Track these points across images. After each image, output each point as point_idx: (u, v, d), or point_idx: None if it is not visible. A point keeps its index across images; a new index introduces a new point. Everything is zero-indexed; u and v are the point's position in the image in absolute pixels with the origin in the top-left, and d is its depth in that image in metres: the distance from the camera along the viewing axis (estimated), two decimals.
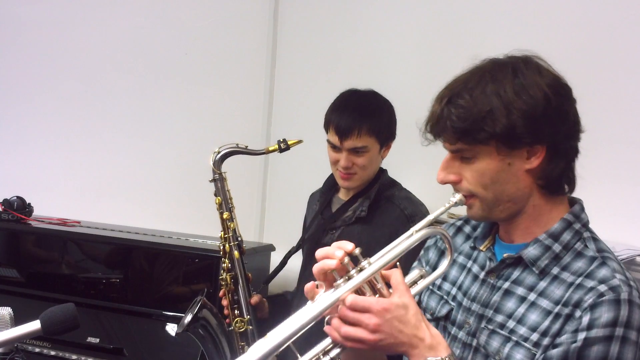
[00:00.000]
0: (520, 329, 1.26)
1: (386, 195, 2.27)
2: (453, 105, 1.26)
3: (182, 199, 3.46)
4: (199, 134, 3.48)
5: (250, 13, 3.51)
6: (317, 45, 3.35)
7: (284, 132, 3.48)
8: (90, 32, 3.45)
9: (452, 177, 1.32)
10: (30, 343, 2.56)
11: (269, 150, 2.32)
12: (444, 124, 1.27)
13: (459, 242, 1.47)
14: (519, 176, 1.27)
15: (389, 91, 2.36)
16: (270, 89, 3.51)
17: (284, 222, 3.40)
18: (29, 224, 2.93)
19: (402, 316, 1.20)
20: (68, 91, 3.46)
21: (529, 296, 1.28)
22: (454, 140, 1.28)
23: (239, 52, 3.51)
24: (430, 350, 1.20)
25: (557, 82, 1.27)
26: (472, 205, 1.32)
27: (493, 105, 1.23)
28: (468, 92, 1.26)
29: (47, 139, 3.48)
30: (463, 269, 1.43)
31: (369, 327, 1.18)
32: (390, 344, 1.20)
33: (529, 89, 1.23)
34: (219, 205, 2.30)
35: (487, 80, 1.25)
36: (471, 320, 1.34)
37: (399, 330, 1.19)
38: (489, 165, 1.27)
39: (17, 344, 1.62)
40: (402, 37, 2.99)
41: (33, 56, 3.45)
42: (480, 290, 1.36)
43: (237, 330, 2.22)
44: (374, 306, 1.19)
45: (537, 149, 1.25)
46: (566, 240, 1.29)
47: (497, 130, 1.22)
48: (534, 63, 1.28)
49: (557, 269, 1.28)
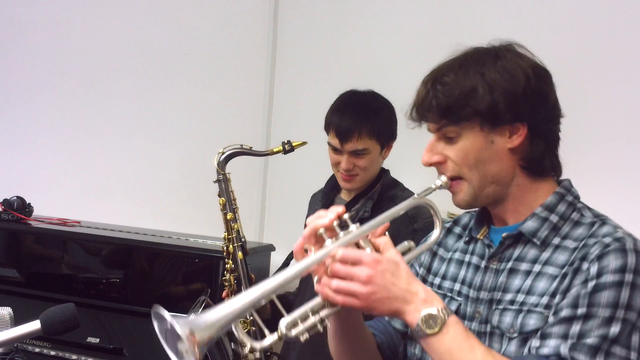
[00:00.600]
0: (530, 299, 1.25)
1: (389, 195, 2.27)
2: (438, 83, 1.31)
3: (183, 199, 3.46)
4: (198, 134, 3.48)
5: (250, 13, 3.52)
6: (317, 45, 3.35)
7: (284, 132, 3.49)
8: (90, 32, 3.45)
9: (436, 157, 1.34)
10: (30, 343, 2.56)
11: (273, 151, 2.31)
12: (429, 103, 1.31)
13: (450, 242, 1.48)
14: (501, 155, 1.29)
15: (389, 91, 2.36)
16: (270, 89, 3.51)
17: (284, 222, 3.40)
18: (29, 224, 2.93)
19: (395, 270, 1.19)
20: (68, 91, 3.47)
21: (534, 268, 1.28)
22: (438, 119, 1.30)
23: (239, 52, 3.51)
24: (425, 303, 1.18)
25: (537, 65, 1.31)
26: (457, 191, 1.33)
27: (476, 83, 1.27)
28: (453, 72, 1.30)
29: (47, 139, 3.48)
30: (461, 264, 1.42)
31: (361, 279, 1.16)
32: (383, 299, 1.17)
33: (511, 70, 1.27)
34: (223, 206, 2.28)
35: (470, 62, 1.30)
36: (481, 309, 1.33)
37: (392, 283, 1.18)
38: (473, 144, 1.29)
39: (17, 344, 1.62)
40: (402, 36, 2.99)
41: (33, 56, 3.45)
42: (485, 278, 1.35)
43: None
44: (365, 258, 1.18)
45: (517, 127, 1.28)
46: (562, 211, 1.31)
47: (480, 108, 1.26)
48: (515, 49, 1.33)
49: (558, 238, 1.28)
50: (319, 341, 2.27)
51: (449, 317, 1.18)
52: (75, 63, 3.45)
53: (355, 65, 3.15)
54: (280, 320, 1.19)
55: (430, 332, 1.17)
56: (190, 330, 1.07)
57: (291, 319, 1.19)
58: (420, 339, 1.19)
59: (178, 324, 1.06)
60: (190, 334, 1.06)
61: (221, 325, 1.13)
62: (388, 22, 3.04)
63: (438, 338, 1.17)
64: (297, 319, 1.20)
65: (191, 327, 1.07)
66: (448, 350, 1.17)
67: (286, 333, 1.18)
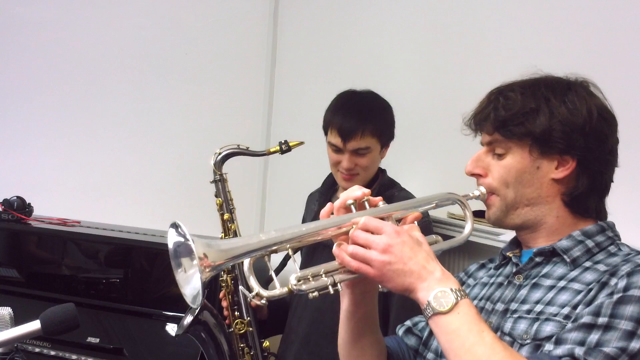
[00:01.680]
0: (550, 309, 1.21)
1: (386, 195, 2.27)
2: (502, 96, 1.31)
3: (182, 199, 3.46)
4: (198, 134, 3.48)
5: (250, 13, 3.52)
6: (317, 45, 3.35)
7: (284, 131, 3.49)
8: (90, 32, 3.44)
9: (478, 170, 1.35)
10: (30, 343, 2.55)
11: (270, 151, 2.31)
12: (488, 113, 1.31)
13: (481, 274, 1.47)
14: (543, 182, 1.29)
15: (389, 91, 2.37)
16: (270, 89, 3.51)
17: (284, 222, 3.39)
18: (29, 224, 2.92)
19: (415, 246, 1.17)
20: (68, 91, 3.46)
21: (559, 284, 1.25)
22: (491, 130, 1.31)
23: (239, 52, 3.52)
24: (440, 283, 1.14)
25: (605, 108, 1.32)
26: (491, 204, 1.34)
27: (539, 106, 1.27)
28: (520, 90, 1.31)
29: (47, 139, 3.48)
30: (485, 285, 1.41)
31: (379, 247, 1.14)
32: (398, 271, 1.14)
33: (576, 103, 1.28)
34: (220, 207, 2.29)
35: (541, 86, 1.30)
36: (494, 319, 1.30)
37: (409, 257, 1.15)
38: (517, 164, 1.29)
39: (17, 344, 1.62)
40: (402, 37, 2.99)
41: (33, 56, 3.45)
42: (505, 291, 1.33)
43: (237, 332, 2.22)
44: (387, 227, 1.17)
45: (567, 160, 1.28)
46: (599, 241, 1.29)
47: (535, 129, 1.26)
48: (589, 86, 1.33)
49: (590, 262, 1.26)
50: (316, 341, 2.29)
51: (462, 299, 1.13)
52: (75, 63, 3.45)
53: (355, 65, 3.15)
54: (291, 275, 1.16)
55: (439, 310, 1.12)
56: (204, 252, 1.07)
57: (302, 274, 1.17)
58: (429, 318, 1.14)
59: (195, 242, 1.07)
60: (205, 255, 1.07)
61: (234, 255, 1.12)
62: (388, 22, 3.04)
63: (447, 318, 1.12)
64: (308, 275, 1.17)
65: (206, 249, 1.08)
66: (455, 331, 1.11)
67: (297, 286, 1.15)
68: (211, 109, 3.54)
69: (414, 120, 2.65)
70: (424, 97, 2.82)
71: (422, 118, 2.74)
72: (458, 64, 2.70)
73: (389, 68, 3.00)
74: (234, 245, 1.13)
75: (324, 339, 2.23)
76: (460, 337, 1.11)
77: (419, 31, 2.92)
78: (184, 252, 1.11)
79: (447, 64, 2.75)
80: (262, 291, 1.14)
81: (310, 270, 1.18)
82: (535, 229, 1.33)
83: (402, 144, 2.41)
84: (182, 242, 1.11)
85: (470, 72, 2.62)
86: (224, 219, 2.27)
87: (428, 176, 2.72)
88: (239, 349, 2.22)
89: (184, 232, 1.09)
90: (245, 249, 1.13)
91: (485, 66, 2.55)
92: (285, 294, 1.16)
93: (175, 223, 1.11)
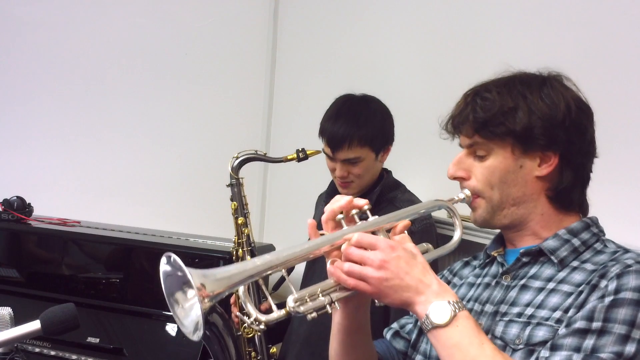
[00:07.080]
0: (540, 312, 1.21)
1: (389, 197, 2.26)
2: (479, 97, 1.30)
3: (182, 199, 3.46)
4: (198, 134, 3.48)
5: (250, 13, 3.52)
6: (317, 46, 3.35)
7: (284, 132, 3.49)
8: (90, 32, 3.45)
9: (461, 172, 1.33)
10: (30, 343, 2.55)
11: (288, 158, 2.30)
12: (467, 115, 1.30)
13: (466, 272, 1.47)
14: (527, 180, 1.28)
15: (389, 92, 2.36)
16: (270, 90, 3.51)
17: (284, 223, 3.41)
18: (29, 224, 2.92)
19: (410, 259, 1.16)
20: (68, 91, 3.46)
21: (548, 285, 1.24)
22: (471, 133, 1.30)
23: (239, 52, 3.52)
24: (437, 296, 1.15)
25: (581, 100, 1.31)
26: (476, 207, 1.33)
27: (517, 104, 1.27)
28: (496, 89, 1.30)
29: (47, 139, 3.48)
30: (472, 286, 1.40)
31: (374, 264, 1.14)
32: (395, 287, 1.14)
33: (554, 97, 1.27)
34: (235, 210, 2.28)
35: (517, 84, 1.30)
36: (483, 320, 1.29)
37: (405, 272, 1.15)
38: (500, 164, 1.28)
39: (17, 344, 1.62)
40: (402, 38, 2.99)
41: (33, 56, 3.45)
42: (494, 292, 1.32)
43: (245, 336, 2.22)
44: (381, 242, 1.16)
45: (549, 156, 1.27)
46: (585, 238, 1.29)
47: (516, 128, 1.26)
48: (563, 80, 1.32)
49: (577, 262, 1.26)
50: (317, 342, 2.29)
51: (460, 311, 1.14)
52: (75, 63, 3.45)
53: (355, 65, 3.15)
54: (289, 297, 1.16)
55: (438, 324, 1.13)
56: (201, 282, 1.06)
57: (299, 295, 1.16)
58: (428, 332, 1.15)
59: (191, 273, 1.05)
60: (202, 285, 1.05)
61: (231, 284, 1.11)
62: (388, 23, 3.04)
63: (446, 331, 1.13)
64: (305, 296, 1.17)
65: (203, 280, 1.06)
66: (456, 345, 1.12)
67: (294, 309, 1.15)
68: (211, 109, 3.54)
69: (417, 121, 2.64)
70: (423, 98, 2.82)
71: (426, 118, 2.73)
72: (458, 65, 2.69)
73: (389, 68, 3.00)
74: (230, 273, 1.12)
75: (325, 340, 2.22)
76: (462, 351, 1.12)
77: (418, 33, 2.92)
78: (180, 284, 1.09)
79: (447, 66, 2.75)
80: (260, 316, 1.14)
81: (307, 290, 1.17)
82: (521, 228, 1.32)
83: (407, 145, 2.40)
84: (176, 274, 1.09)
85: (472, 72, 2.60)
86: (238, 223, 2.26)
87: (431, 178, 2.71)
88: (245, 353, 2.21)
89: (179, 264, 1.07)
90: (242, 276, 1.12)
91: (486, 66, 2.54)
92: (283, 316, 1.16)
93: (170, 256, 1.09)
